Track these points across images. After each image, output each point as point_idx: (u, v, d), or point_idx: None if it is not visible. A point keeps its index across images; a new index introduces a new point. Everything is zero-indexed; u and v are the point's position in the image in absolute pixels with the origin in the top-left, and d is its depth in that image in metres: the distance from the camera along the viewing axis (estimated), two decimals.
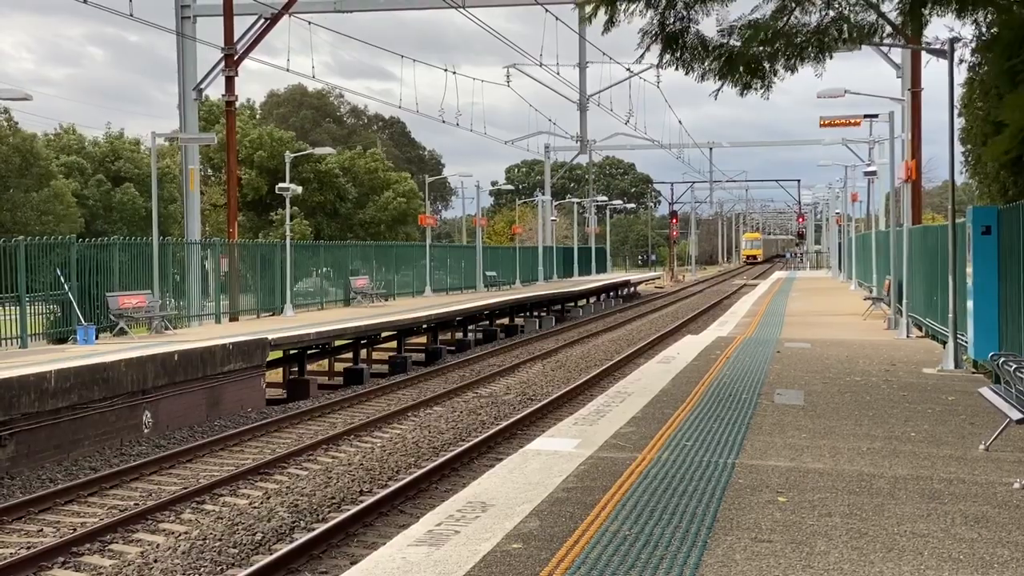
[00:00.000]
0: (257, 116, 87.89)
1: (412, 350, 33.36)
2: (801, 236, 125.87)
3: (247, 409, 23.20)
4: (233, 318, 33.17)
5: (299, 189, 39.20)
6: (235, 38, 36.37)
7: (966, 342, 18.67)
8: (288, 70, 39.40)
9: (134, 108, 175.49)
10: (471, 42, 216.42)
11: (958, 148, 23.29)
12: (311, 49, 68.02)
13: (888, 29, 17.93)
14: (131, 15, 30.72)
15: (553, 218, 75.49)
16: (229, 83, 36.52)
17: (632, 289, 71.19)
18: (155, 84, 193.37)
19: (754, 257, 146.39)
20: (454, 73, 51.96)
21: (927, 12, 16.87)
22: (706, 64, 16.64)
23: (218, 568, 11.84)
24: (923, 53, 24.22)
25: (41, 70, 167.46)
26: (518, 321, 45.05)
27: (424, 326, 34.05)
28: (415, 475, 15.67)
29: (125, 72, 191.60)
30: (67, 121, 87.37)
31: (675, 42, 16.50)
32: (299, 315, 34.53)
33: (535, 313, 47.87)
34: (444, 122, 52.02)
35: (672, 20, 16.45)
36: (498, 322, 43.01)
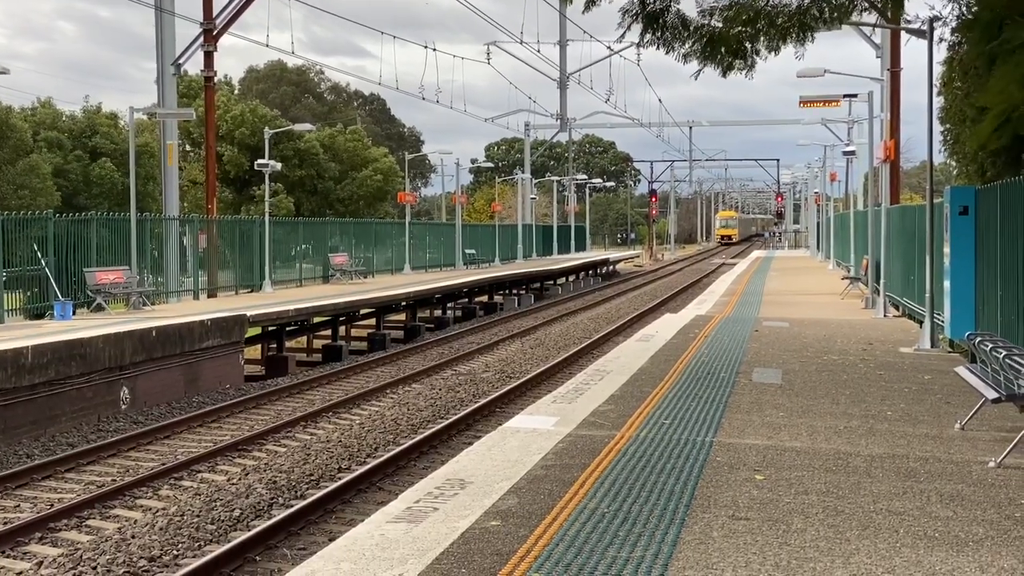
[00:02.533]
0: (236, 92, 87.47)
1: (391, 327, 33.33)
2: (780, 215, 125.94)
3: (225, 386, 23.16)
4: (211, 294, 33.07)
5: (279, 165, 39.08)
6: (214, 13, 36.15)
7: (943, 322, 18.76)
8: (268, 46, 39.32)
9: (107, 83, 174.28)
10: (445, 20, 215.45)
11: (937, 128, 23.34)
12: (290, 25, 67.75)
13: (868, 8, 17.94)
14: None
15: (533, 196, 75.48)
16: (208, 58, 36.32)
17: (611, 268, 71.25)
18: (127, 59, 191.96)
19: (729, 237, 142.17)
20: (434, 50, 51.87)
21: None
22: (687, 45, 16.62)
23: (196, 544, 11.84)
24: (903, 33, 24.26)
25: (13, 44, 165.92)
26: (497, 299, 45.04)
27: (403, 303, 34.02)
28: (393, 452, 15.69)
29: (97, 47, 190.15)
30: (39, 95, 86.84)
31: (656, 21, 16.47)
32: (278, 292, 34.46)
33: (514, 291, 47.87)
34: (424, 99, 51.97)
35: None
36: (477, 300, 43.01)
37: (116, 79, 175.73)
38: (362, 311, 31.91)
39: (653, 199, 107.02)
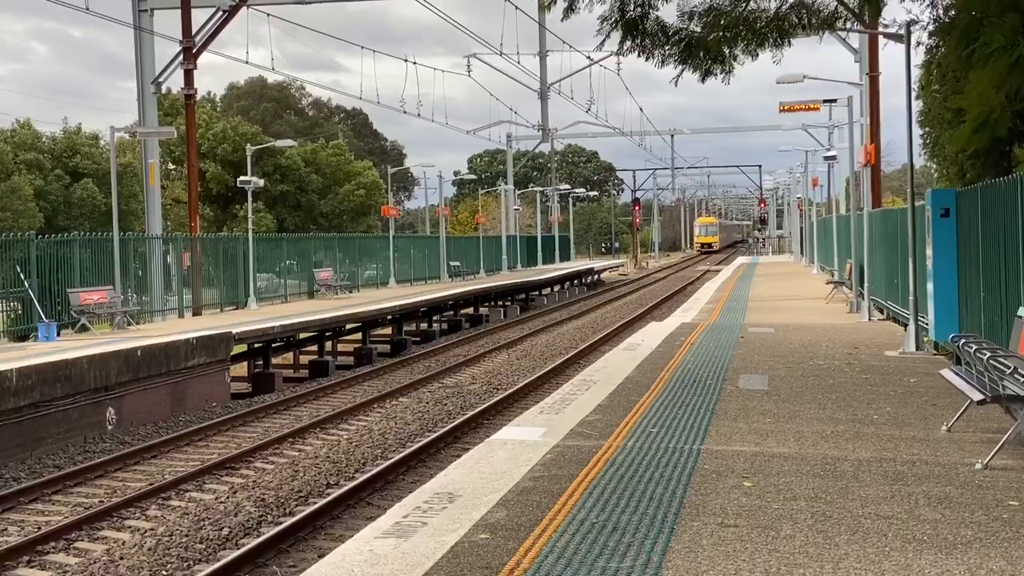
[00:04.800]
0: (218, 109, 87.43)
1: (377, 341, 33.28)
2: (763, 221, 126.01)
3: (212, 404, 23.08)
4: (196, 312, 33.00)
5: (261, 182, 39.05)
6: (193, 31, 36.14)
7: (927, 324, 18.82)
8: (247, 62, 39.32)
9: (83, 103, 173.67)
10: (419, 34, 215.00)
11: (916, 131, 23.46)
12: (269, 41, 67.72)
13: (846, 14, 18.02)
14: (87, 9, 30.52)
15: (516, 207, 75.46)
16: (188, 76, 36.29)
17: (596, 277, 71.29)
18: (102, 79, 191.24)
19: (709, 245, 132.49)
20: (414, 63, 51.86)
21: None
22: (666, 50, 16.67)
23: (185, 564, 11.80)
24: (880, 37, 24.37)
25: None
26: (483, 311, 45.04)
27: (389, 317, 33.98)
28: (382, 467, 15.66)
29: (70, 67, 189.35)
30: (14, 116, 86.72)
31: (635, 28, 16.52)
32: (263, 308, 34.39)
33: (500, 302, 47.87)
34: (405, 112, 51.97)
35: (632, 6, 16.47)
36: (463, 312, 42.98)
37: (91, 99, 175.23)
38: (348, 326, 31.86)
39: (636, 207, 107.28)
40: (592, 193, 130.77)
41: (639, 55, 16.89)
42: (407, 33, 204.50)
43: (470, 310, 44.21)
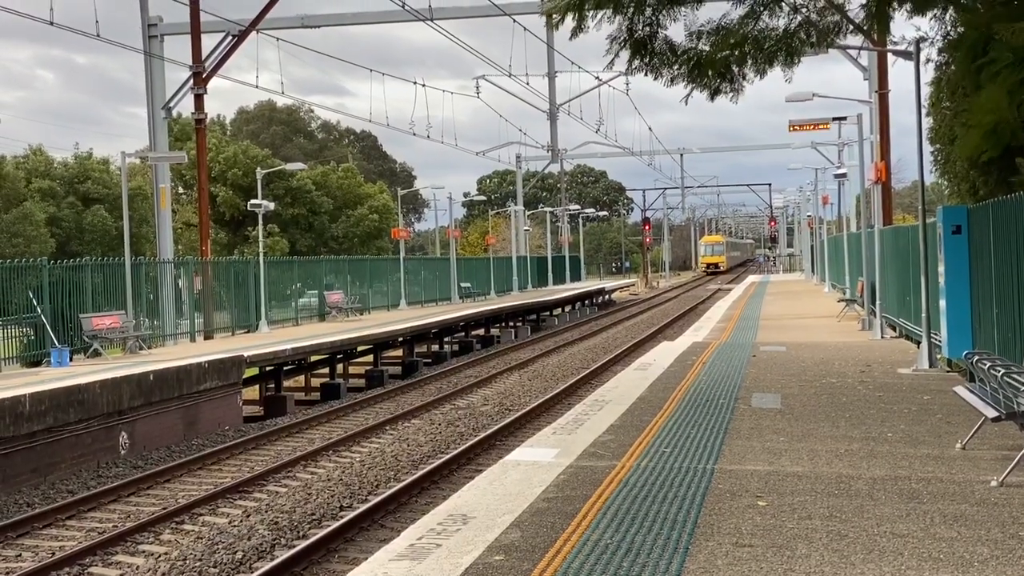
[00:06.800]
0: (228, 133, 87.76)
1: (388, 363, 33.29)
2: (774, 240, 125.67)
3: (224, 427, 23.09)
4: (208, 336, 33.03)
5: (271, 206, 39.13)
6: (203, 56, 36.29)
7: (940, 341, 18.76)
8: (257, 86, 39.47)
9: (89, 128, 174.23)
10: (423, 57, 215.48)
11: (927, 148, 23.43)
12: (279, 65, 67.99)
13: (854, 31, 18.04)
14: (98, 36, 30.69)
15: (526, 228, 75.50)
16: (198, 101, 36.42)
17: (607, 297, 71.22)
18: (107, 104, 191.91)
19: (715, 266, 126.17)
20: (423, 86, 51.97)
21: (891, 11, 16.98)
22: (675, 69, 16.68)
23: None
24: (889, 54, 24.38)
25: None
26: (494, 332, 45.00)
27: (400, 339, 34.00)
28: (395, 489, 15.63)
29: (77, 93, 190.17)
30: (22, 142, 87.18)
31: (644, 48, 16.54)
32: (274, 331, 34.41)
33: (511, 323, 47.83)
34: (415, 135, 52.07)
35: (640, 26, 16.48)
36: (474, 333, 42.95)
37: (98, 124, 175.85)
38: (359, 348, 31.87)
39: (646, 227, 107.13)
40: (602, 213, 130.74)
41: (647, 74, 16.90)
42: (411, 57, 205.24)
43: (481, 331, 44.19)
